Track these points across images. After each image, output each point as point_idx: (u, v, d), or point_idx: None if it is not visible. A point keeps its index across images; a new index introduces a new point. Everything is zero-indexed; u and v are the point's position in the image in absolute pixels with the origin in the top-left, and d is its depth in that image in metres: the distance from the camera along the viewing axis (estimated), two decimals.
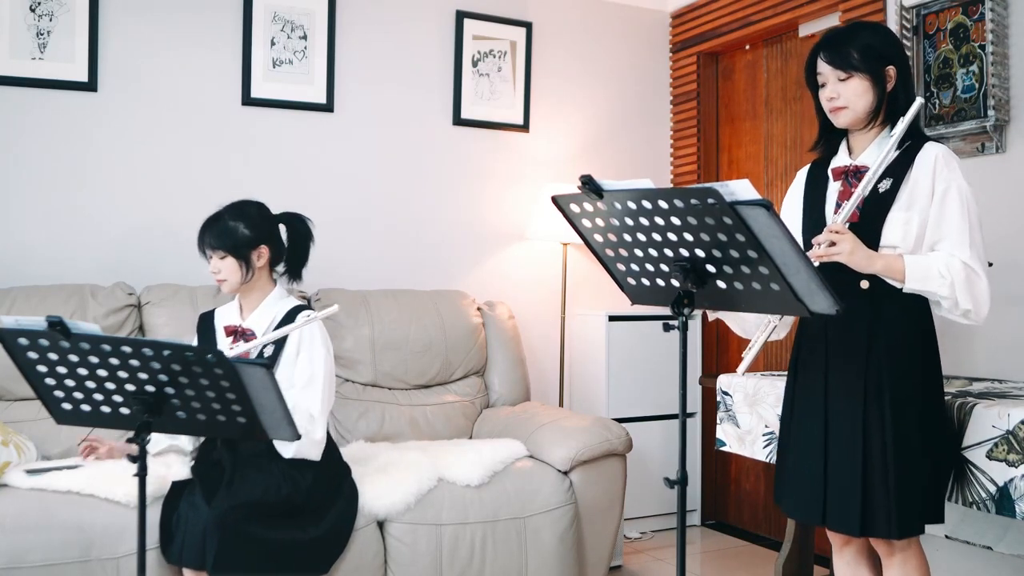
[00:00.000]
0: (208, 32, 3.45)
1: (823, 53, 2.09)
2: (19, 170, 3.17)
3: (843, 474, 2.02)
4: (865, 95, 2.05)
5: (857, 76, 2.04)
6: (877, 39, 2.09)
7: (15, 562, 2.22)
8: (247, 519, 2.31)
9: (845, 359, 2.05)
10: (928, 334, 2.06)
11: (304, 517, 2.43)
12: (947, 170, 2.00)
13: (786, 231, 1.61)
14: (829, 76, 2.08)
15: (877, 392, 2.00)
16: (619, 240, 1.84)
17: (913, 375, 2.01)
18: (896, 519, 1.96)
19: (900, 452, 1.97)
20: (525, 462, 2.95)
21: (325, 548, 2.48)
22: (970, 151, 3.00)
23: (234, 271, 2.51)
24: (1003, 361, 2.87)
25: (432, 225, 3.85)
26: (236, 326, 2.54)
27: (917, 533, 2.00)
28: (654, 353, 3.89)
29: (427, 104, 3.85)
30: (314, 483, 2.46)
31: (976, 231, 1.99)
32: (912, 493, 1.97)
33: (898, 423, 1.98)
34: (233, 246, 2.50)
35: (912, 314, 2.03)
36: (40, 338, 1.73)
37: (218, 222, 2.53)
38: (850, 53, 2.04)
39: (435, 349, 3.41)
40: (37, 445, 2.74)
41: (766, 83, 4.00)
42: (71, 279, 3.16)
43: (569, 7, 4.16)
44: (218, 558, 2.24)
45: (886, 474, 1.96)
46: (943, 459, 2.06)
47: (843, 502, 2.02)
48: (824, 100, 2.10)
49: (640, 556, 3.68)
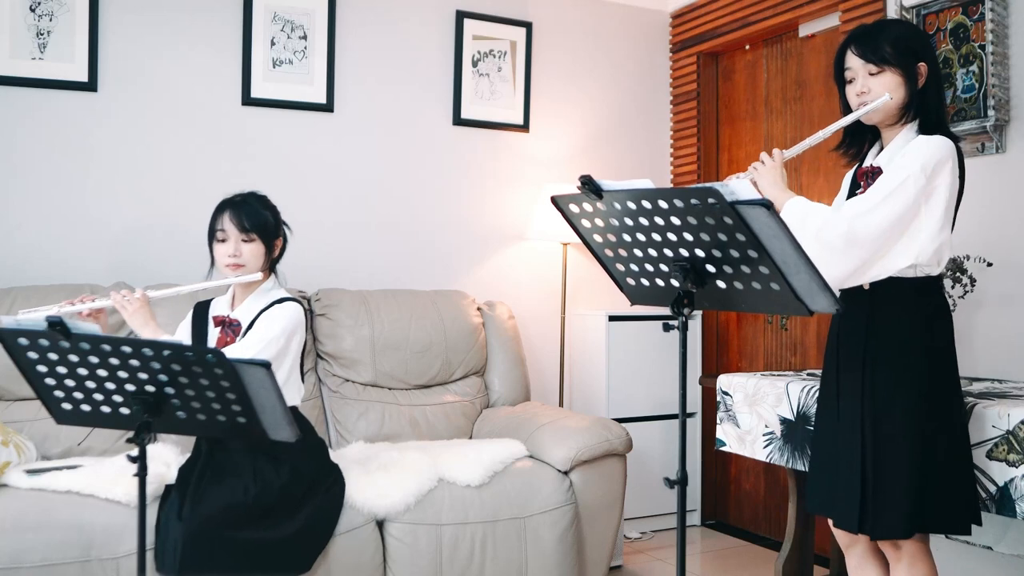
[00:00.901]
0: (208, 32, 3.45)
1: (854, 46, 2.06)
2: (19, 170, 3.17)
3: (845, 473, 2.02)
4: (897, 90, 2.02)
5: (889, 70, 2.01)
6: (909, 33, 2.09)
7: (15, 562, 2.21)
8: (215, 524, 2.28)
9: (849, 359, 2.06)
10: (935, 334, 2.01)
11: (276, 516, 2.39)
12: (914, 152, 1.96)
13: (786, 230, 1.60)
14: (859, 71, 2.05)
15: (872, 391, 2.00)
16: (619, 240, 1.84)
17: (908, 376, 1.98)
18: (873, 519, 1.95)
19: (880, 454, 1.96)
20: (525, 462, 2.95)
21: (300, 546, 2.44)
22: (970, 151, 3.00)
23: (257, 256, 2.49)
24: (1003, 361, 2.87)
25: (432, 225, 3.85)
26: (225, 316, 2.53)
27: (902, 536, 1.95)
28: (654, 353, 3.89)
29: (427, 104, 3.85)
30: (290, 481, 2.43)
31: (888, 205, 1.92)
32: (890, 496, 1.94)
33: (882, 422, 1.97)
34: (264, 230, 2.50)
35: (913, 315, 2.00)
36: (40, 338, 1.73)
37: (248, 205, 2.51)
38: (882, 46, 2.01)
39: (435, 349, 3.41)
40: (37, 445, 2.74)
41: (766, 83, 4.00)
42: (71, 279, 3.16)
43: (569, 7, 4.16)
44: (184, 561, 2.22)
45: (873, 475, 1.96)
46: (948, 467, 1.97)
47: (845, 500, 2.02)
48: (853, 95, 2.07)
49: (640, 556, 3.68)
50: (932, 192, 1.95)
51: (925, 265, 1.99)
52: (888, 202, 1.92)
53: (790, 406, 2.59)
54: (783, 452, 2.62)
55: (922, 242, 1.96)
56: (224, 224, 2.48)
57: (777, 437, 2.64)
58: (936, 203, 1.96)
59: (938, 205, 1.96)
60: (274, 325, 2.45)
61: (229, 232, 2.48)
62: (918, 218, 1.95)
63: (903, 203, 1.92)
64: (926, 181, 1.93)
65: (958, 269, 2.75)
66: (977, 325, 2.94)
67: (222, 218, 2.49)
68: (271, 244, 2.53)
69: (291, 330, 2.48)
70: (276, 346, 2.43)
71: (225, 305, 2.59)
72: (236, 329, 2.49)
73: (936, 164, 1.95)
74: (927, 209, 1.95)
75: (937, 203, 1.96)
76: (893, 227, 1.93)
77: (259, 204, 2.54)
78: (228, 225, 2.48)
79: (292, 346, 2.50)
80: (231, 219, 2.48)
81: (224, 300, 2.61)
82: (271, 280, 2.59)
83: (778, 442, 2.63)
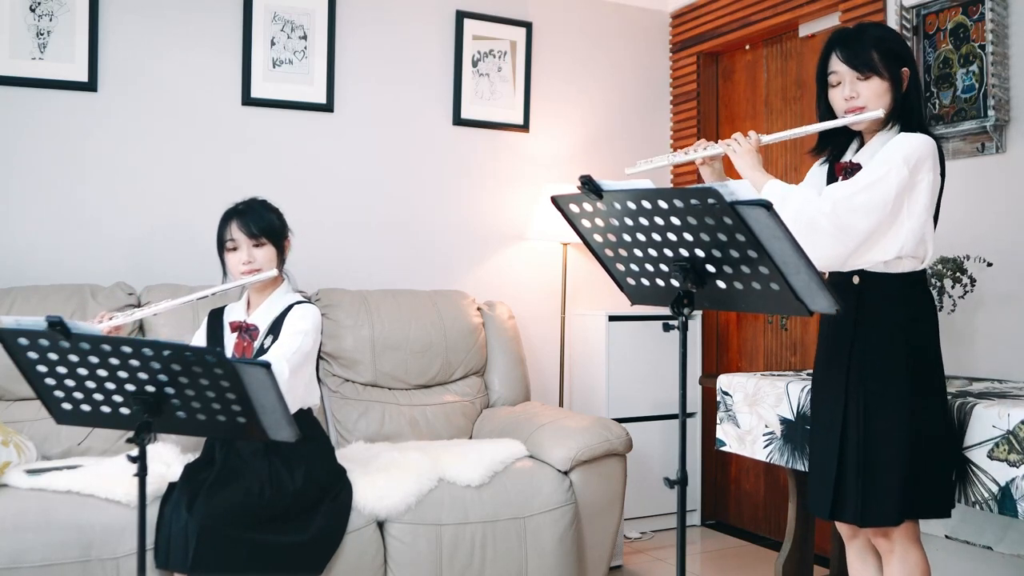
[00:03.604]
0: (208, 32, 3.45)
1: (840, 51, 2.06)
2: (19, 170, 3.17)
3: (822, 461, 2.08)
4: (884, 96, 2.04)
5: (876, 77, 2.03)
6: (891, 36, 2.09)
7: (15, 562, 2.21)
8: (227, 522, 2.30)
9: (836, 352, 2.10)
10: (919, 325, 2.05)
11: (289, 521, 2.42)
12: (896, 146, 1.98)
13: (786, 231, 1.61)
14: (846, 75, 2.05)
15: (859, 382, 2.03)
16: (619, 240, 1.84)
17: (895, 367, 2.01)
18: (859, 508, 2.00)
19: (869, 443, 2.00)
20: (525, 462, 2.95)
21: (312, 551, 2.46)
22: (970, 151, 3.00)
23: (270, 259, 2.54)
24: (1003, 361, 2.87)
25: (432, 225, 3.85)
26: (241, 321, 2.56)
27: (891, 524, 2.01)
28: (654, 353, 3.89)
29: (427, 104, 3.85)
30: (304, 485, 2.45)
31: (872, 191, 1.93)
32: (881, 483, 1.98)
33: (872, 413, 2.01)
34: (272, 233, 2.54)
35: (900, 307, 2.04)
36: (40, 338, 1.73)
37: (254, 210, 2.55)
38: (869, 52, 2.03)
39: (435, 349, 3.41)
40: (37, 445, 2.74)
41: (766, 83, 4.00)
42: (71, 279, 3.16)
43: (569, 7, 4.16)
44: (196, 558, 2.24)
45: (857, 463, 2.00)
46: (935, 452, 2.03)
47: (820, 487, 2.08)
48: (840, 100, 2.08)
49: (640, 556, 3.68)
50: (914, 186, 1.97)
51: (910, 257, 2.02)
52: (872, 188, 1.94)
53: (790, 406, 2.59)
54: (783, 452, 2.62)
55: (905, 234, 1.98)
56: (233, 233, 2.52)
57: (777, 437, 2.64)
58: (917, 197, 1.98)
59: (919, 199, 1.98)
60: (306, 320, 2.50)
61: (239, 240, 2.51)
62: (901, 210, 1.97)
63: (886, 192, 1.94)
64: (908, 174, 1.95)
65: (958, 269, 2.75)
66: (977, 325, 2.94)
67: (230, 227, 2.53)
68: (281, 245, 2.59)
69: (318, 327, 2.54)
70: (311, 340, 2.49)
71: (241, 311, 2.61)
72: (253, 334, 2.52)
73: (918, 159, 1.97)
74: (909, 202, 1.98)
75: (918, 197, 1.98)
76: (878, 211, 1.94)
77: (263, 208, 2.58)
78: (237, 233, 2.51)
79: (316, 346, 2.55)
80: (239, 227, 2.51)
81: (239, 306, 2.64)
82: (284, 284, 2.62)
83: (778, 442, 2.64)
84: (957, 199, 2.74)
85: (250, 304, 2.62)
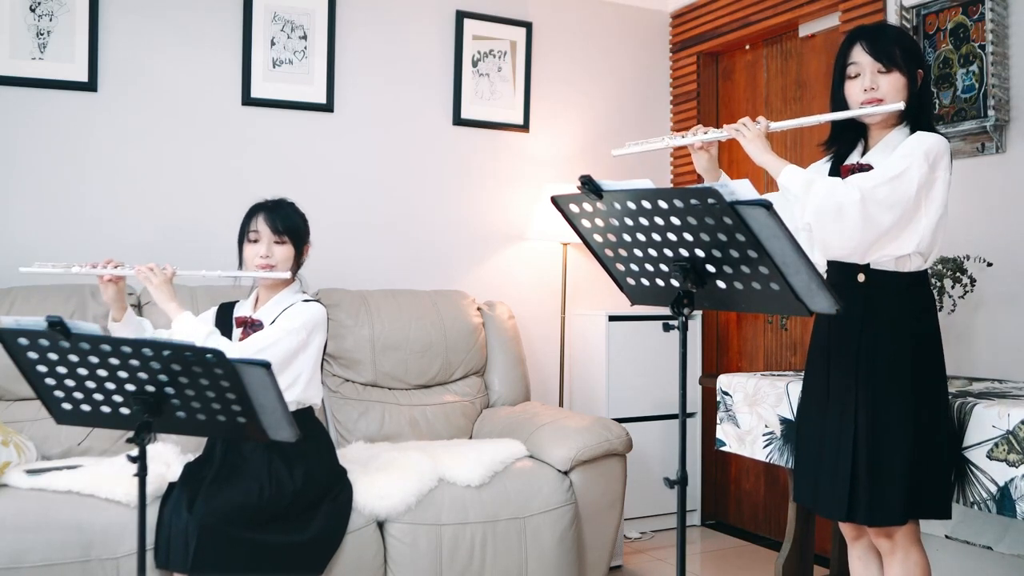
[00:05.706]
0: (208, 32, 3.45)
1: (865, 43, 2.07)
2: (19, 170, 3.17)
3: (833, 462, 2.06)
4: (902, 91, 2.05)
5: (897, 71, 2.04)
6: (911, 40, 2.14)
7: (15, 562, 2.21)
8: (227, 522, 2.30)
9: (842, 351, 2.09)
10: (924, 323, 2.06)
11: (289, 521, 2.42)
12: (915, 142, 1.99)
13: (786, 231, 1.61)
14: (867, 67, 2.06)
15: (867, 382, 2.03)
16: (619, 240, 1.84)
17: (901, 367, 2.02)
18: (869, 507, 2.00)
19: (878, 442, 2.00)
20: (525, 462, 2.95)
21: (313, 551, 2.47)
22: (970, 151, 3.00)
23: (288, 259, 2.55)
24: (1003, 361, 2.87)
25: (432, 225, 3.85)
26: (246, 317, 2.57)
27: (897, 523, 2.01)
28: (654, 353, 3.89)
29: (427, 104, 3.85)
30: (304, 485, 2.45)
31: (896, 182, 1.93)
32: (888, 483, 1.99)
33: (879, 412, 2.01)
34: (296, 234, 2.57)
35: (906, 305, 2.04)
36: (40, 338, 1.73)
37: (283, 208, 2.58)
38: (894, 48, 2.05)
39: (435, 349, 3.41)
40: (37, 445, 2.74)
41: (766, 83, 4.00)
42: (71, 279, 3.15)
43: (569, 7, 4.16)
44: (197, 558, 2.24)
45: (867, 463, 2.00)
46: (937, 453, 2.04)
47: (832, 489, 2.06)
48: (857, 91, 2.08)
49: (640, 556, 3.68)
50: (933, 182, 1.98)
51: (918, 254, 2.02)
52: (895, 182, 1.95)
53: (790, 406, 2.59)
54: (783, 452, 2.62)
55: (923, 230, 1.99)
56: (258, 225, 2.55)
57: (777, 437, 2.64)
58: (935, 194, 1.99)
59: (937, 196, 1.99)
60: (295, 319, 2.49)
61: (263, 233, 2.54)
62: (920, 206, 1.98)
63: (908, 186, 1.95)
64: (928, 170, 1.96)
65: (958, 269, 2.75)
66: (977, 325, 2.94)
67: (256, 219, 2.56)
68: (300, 248, 2.61)
69: (312, 326, 2.52)
70: (296, 339, 2.47)
71: (248, 307, 2.63)
72: (257, 329, 2.53)
73: (936, 156, 1.98)
74: (927, 198, 1.98)
75: (936, 194, 1.99)
76: (900, 205, 1.95)
77: (291, 209, 2.62)
78: (262, 226, 2.54)
79: (314, 342, 2.54)
80: (266, 221, 2.54)
81: (248, 302, 2.65)
82: (295, 284, 2.63)
83: (778, 442, 2.64)
84: (957, 199, 2.73)
85: (258, 301, 2.63)
